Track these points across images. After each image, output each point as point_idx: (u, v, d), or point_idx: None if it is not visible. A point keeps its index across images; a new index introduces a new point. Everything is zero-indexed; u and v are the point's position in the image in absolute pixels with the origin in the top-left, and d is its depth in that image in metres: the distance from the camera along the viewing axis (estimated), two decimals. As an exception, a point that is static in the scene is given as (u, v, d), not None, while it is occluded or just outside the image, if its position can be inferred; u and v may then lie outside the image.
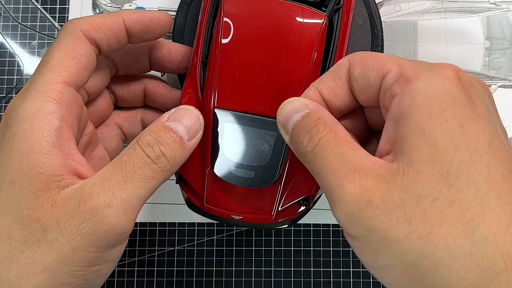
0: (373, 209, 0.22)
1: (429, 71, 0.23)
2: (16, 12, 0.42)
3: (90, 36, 0.28)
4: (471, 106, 0.22)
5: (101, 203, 0.24)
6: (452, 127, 0.22)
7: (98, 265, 0.25)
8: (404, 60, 0.25)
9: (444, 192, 0.21)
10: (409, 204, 0.21)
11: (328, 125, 0.25)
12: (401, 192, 0.21)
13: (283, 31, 0.29)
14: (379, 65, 0.25)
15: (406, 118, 0.22)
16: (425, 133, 0.22)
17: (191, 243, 0.40)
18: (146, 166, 0.26)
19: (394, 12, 0.42)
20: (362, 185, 0.22)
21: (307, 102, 0.27)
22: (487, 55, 0.42)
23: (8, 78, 0.41)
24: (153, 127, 0.27)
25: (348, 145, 0.24)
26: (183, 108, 0.28)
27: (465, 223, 0.21)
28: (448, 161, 0.21)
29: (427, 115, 0.22)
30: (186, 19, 0.37)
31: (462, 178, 0.21)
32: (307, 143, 0.25)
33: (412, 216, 0.21)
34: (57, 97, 0.26)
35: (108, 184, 0.25)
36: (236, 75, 0.30)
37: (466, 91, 0.23)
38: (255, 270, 0.39)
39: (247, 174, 0.30)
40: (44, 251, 0.24)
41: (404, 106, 0.23)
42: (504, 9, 0.42)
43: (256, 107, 0.30)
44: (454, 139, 0.21)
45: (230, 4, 0.30)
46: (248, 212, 0.31)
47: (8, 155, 0.25)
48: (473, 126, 0.22)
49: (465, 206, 0.21)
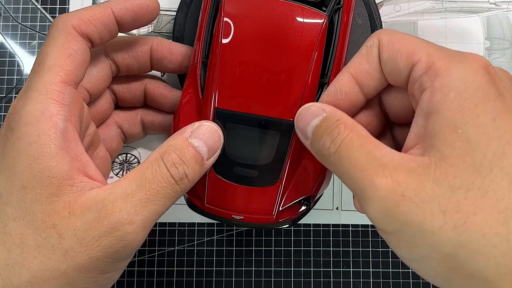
0: (407, 202, 0.22)
1: (460, 64, 0.23)
2: (16, 12, 0.42)
3: (81, 31, 0.28)
4: (501, 100, 0.23)
5: (123, 219, 0.24)
6: (484, 121, 0.22)
7: (111, 272, 0.26)
8: (433, 48, 0.25)
9: (478, 183, 0.22)
10: (442, 196, 0.22)
11: (349, 125, 0.25)
12: (434, 185, 0.22)
13: (283, 31, 0.29)
14: (407, 52, 0.25)
15: (437, 113, 0.23)
16: (457, 128, 0.22)
17: (191, 243, 0.40)
18: (170, 187, 0.26)
19: (394, 12, 0.42)
20: (394, 179, 0.22)
21: (324, 106, 0.27)
22: (487, 55, 0.42)
23: (8, 78, 0.41)
24: (177, 142, 0.27)
25: (372, 143, 0.24)
26: (208, 126, 0.28)
27: (500, 211, 0.21)
28: (481, 154, 0.22)
29: (459, 111, 0.22)
30: (186, 19, 0.37)
31: (496, 170, 0.22)
32: (329, 145, 0.25)
33: (447, 207, 0.22)
34: (59, 98, 0.26)
35: (131, 200, 0.25)
36: (236, 75, 0.30)
37: (495, 85, 0.23)
38: (255, 270, 0.39)
39: (249, 173, 0.30)
40: (59, 257, 0.24)
41: (435, 102, 0.23)
42: (504, 9, 0.42)
43: (256, 107, 0.30)
44: (486, 133, 0.22)
45: (230, 4, 0.30)
46: (249, 212, 0.31)
47: (16, 159, 0.24)
48: (506, 119, 0.22)
49: (500, 196, 0.21)
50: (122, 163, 0.40)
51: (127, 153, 0.40)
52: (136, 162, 0.40)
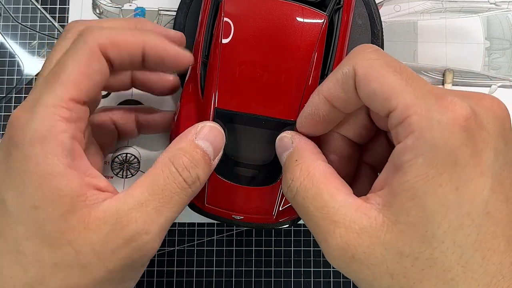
0: (357, 263, 0.23)
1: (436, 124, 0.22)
2: (16, 12, 0.42)
3: (106, 54, 0.27)
4: (474, 162, 0.22)
5: (140, 229, 0.24)
6: (445, 192, 0.21)
7: (128, 281, 0.26)
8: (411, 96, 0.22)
9: (426, 253, 0.22)
10: (390, 261, 0.22)
11: (305, 169, 0.25)
12: (383, 249, 0.22)
13: (283, 31, 0.29)
14: (384, 95, 0.23)
15: (403, 175, 0.22)
16: (415, 197, 0.22)
17: (191, 243, 0.40)
18: (183, 191, 0.26)
19: (394, 12, 0.42)
20: (344, 241, 0.23)
21: (294, 137, 0.27)
22: (487, 55, 0.42)
23: (8, 78, 0.41)
24: (184, 145, 0.27)
25: (327, 191, 0.24)
26: (211, 127, 0.28)
27: (445, 282, 0.21)
28: (435, 226, 0.21)
29: (423, 179, 0.21)
30: (186, 19, 0.37)
31: (448, 242, 0.21)
32: (286, 191, 0.26)
33: (394, 271, 0.22)
34: (67, 115, 0.25)
35: (146, 210, 0.25)
36: (236, 75, 0.30)
37: (472, 143, 0.22)
38: (255, 270, 0.39)
39: (250, 173, 0.30)
40: (78, 274, 0.24)
41: (404, 162, 0.22)
42: (504, 9, 0.42)
43: (256, 107, 0.30)
44: (445, 204, 0.21)
45: (230, 4, 0.30)
46: (249, 212, 0.31)
47: (24, 178, 0.24)
48: (471, 186, 0.21)
49: (447, 267, 0.21)
50: (122, 163, 0.40)
51: (127, 153, 0.40)
52: (136, 162, 0.40)
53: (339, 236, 0.23)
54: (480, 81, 0.41)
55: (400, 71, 0.23)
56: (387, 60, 0.24)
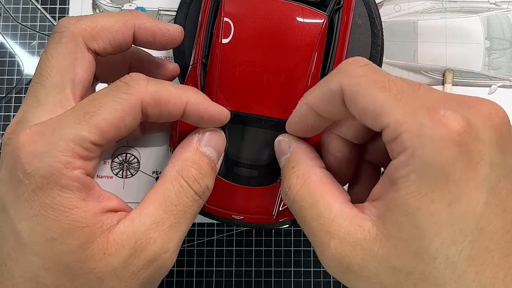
0: (351, 274, 0.23)
1: (428, 140, 0.21)
2: (16, 12, 0.42)
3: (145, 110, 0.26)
4: (468, 176, 0.21)
5: (159, 249, 0.25)
6: (438, 208, 0.21)
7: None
8: (401, 112, 0.22)
9: (419, 268, 0.22)
10: (384, 274, 0.22)
11: (301, 176, 0.25)
12: (376, 263, 0.22)
13: (283, 31, 0.29)
14: (374, 113, 0.22)
15: (397, 190, 0.22)
16: (408, 213, 0.21)
17: (191, 243, 0.40)
18: (195, 204, 0.26)
19: (394, 12, 0.42)
20: (339, 253, 0.23)
21: (292, 142, 0.28)
22: (487, 55, 0.42)
23: (8, 78, 0.41)
24: (190, 156, 0.27)
25: (323, 200, 0.24)
26: (212, 131, 0.29)
27: None
28: (427, 242, 0.21)
29: (416, 195, 0.21)
30: (186, 19, 0.37)
31: (440, 258, 0.21)
32: (284, 198, 0.26)
33: (387, 284, 0.22)
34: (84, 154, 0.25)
35: (162, 228, 0.25)
36: (236, 75, 0.30)
37: (467, 158, 0.21)
38: (255, 270, 0.39)
39: (250, 173, 0.30)
40: None
41: (398, 178, 0.22)
42: (504, 9, 0.42)
43: (257, 107, 0.30)
44: (437, 220, 0.21)
45: (230, 4, 0.30)
46: (249, 212, 0.31)
47: (40, 211, 0.24)
48: (464, 201, 0.21)
49: (440, 282, 0.21)
50: (122, 163, 0.40)
51: (127, 153, 0.40)
52: (136, 162, 0.40)
53: (334, 248, 0.23)
54: (480, 81, 0.41)
55: (388, 86, 0.22)
56: (375, 76, 0.23)
